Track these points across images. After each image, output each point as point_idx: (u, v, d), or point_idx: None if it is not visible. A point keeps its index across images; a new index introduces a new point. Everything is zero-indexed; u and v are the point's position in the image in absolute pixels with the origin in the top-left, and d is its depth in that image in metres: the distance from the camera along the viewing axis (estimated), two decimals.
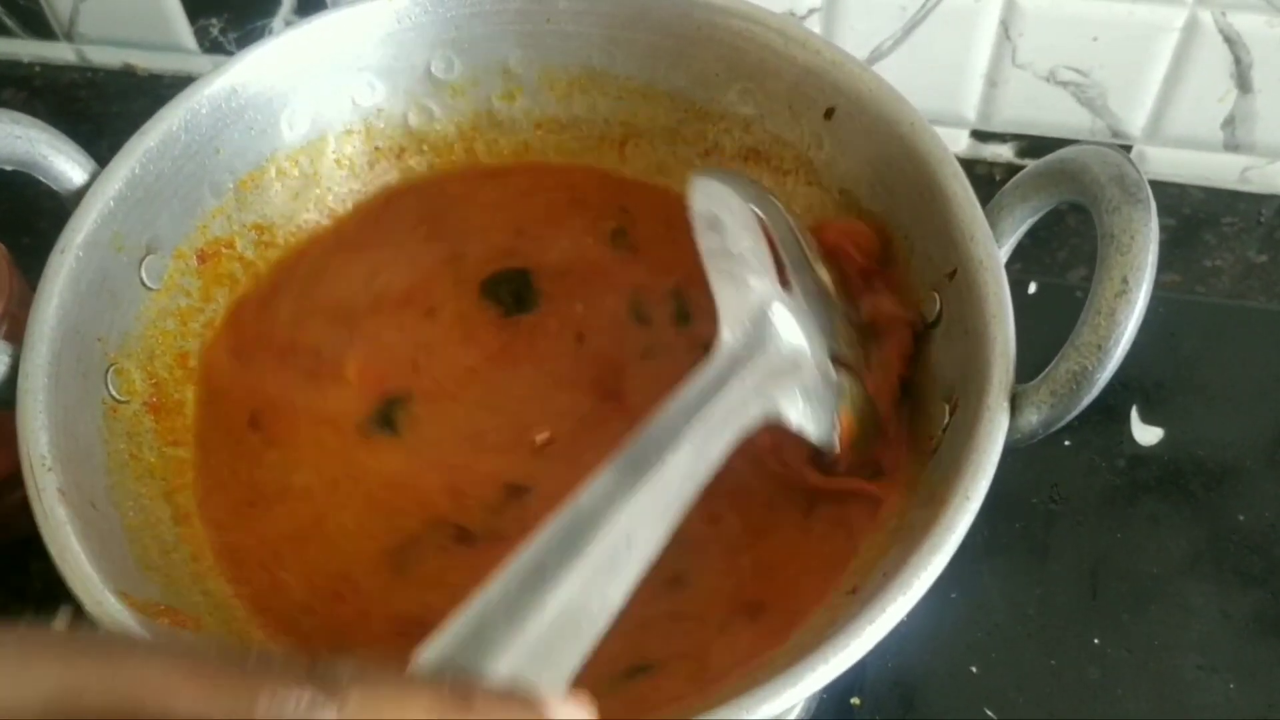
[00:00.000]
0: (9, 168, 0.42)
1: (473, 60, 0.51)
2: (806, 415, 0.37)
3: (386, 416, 0.46)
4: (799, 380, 0.37)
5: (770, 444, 0.41)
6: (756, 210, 0.40)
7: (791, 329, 0.37)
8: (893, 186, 0.45)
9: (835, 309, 0.39)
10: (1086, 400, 0.36)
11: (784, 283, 0.38)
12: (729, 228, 0.38)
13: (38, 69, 0.77)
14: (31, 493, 0.37)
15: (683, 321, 0.48)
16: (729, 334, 0.36)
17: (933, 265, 0.43)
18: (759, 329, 0.37)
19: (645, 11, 0.49)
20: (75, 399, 0.41)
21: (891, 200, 0.45)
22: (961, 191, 0.42)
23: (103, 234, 0.43)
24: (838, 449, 0.39)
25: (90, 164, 0.44)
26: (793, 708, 0.48)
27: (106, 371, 0.43)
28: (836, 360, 0.38)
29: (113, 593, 0.35)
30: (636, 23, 0.49)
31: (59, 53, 0.76)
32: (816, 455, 0.41)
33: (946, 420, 0.40)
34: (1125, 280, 0.35)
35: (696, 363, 0.36)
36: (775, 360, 0.36)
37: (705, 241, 0.38)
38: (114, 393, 0.43)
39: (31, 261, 0.47)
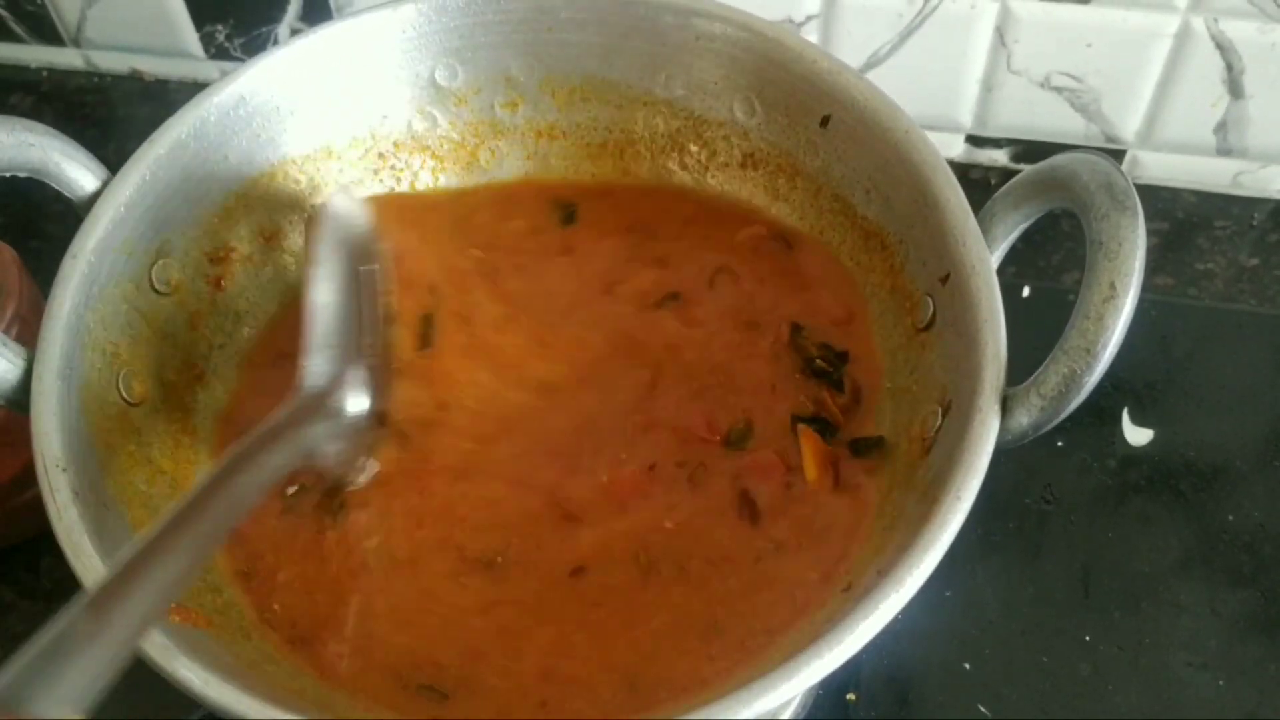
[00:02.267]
0: (23, 174, 0.43)
1: (475, 68, 0.52)
2: (338, 456, 0.43)
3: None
4: (345, 429, 0.43)
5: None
6: (366, 269, 0.46)
7: (358, 396, 0.43)
8: (887, 193, 0.46)
9: (390, 370, 0.45)
10: (1075, 403, 0.37)
11: (359, 349, 0.44)
12: (338, 290, 0.44)
13: (45, 74, 0.78)
14: (45, 493, 0.38)
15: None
16: (309, 383, 0.42)
17: (926, 270, 0.44)
18: (334, 387, 0.43)
19: (644, 20, 0.50)
20: (87, 402, 0.41)
21: (886, 206, 0.46)
22: (954, 198, 0.42)
23: (114, 239, 0.44)
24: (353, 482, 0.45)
25: (102, 171, 0.44)
26: (789, 703, 0.49)
27: (118, 375, 0.43)
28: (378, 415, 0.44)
29: None
30: (636, 31, 0.50)
31: (66, 58, 0.77)
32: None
33: (940, 422, 0.41)
34: (1113, 285, 0.36)
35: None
36: (336, 415, 0.42)
37: (316, 296, 0.43)
38: (126, 395, 0.44)
39: (40, 265, 0.47)
